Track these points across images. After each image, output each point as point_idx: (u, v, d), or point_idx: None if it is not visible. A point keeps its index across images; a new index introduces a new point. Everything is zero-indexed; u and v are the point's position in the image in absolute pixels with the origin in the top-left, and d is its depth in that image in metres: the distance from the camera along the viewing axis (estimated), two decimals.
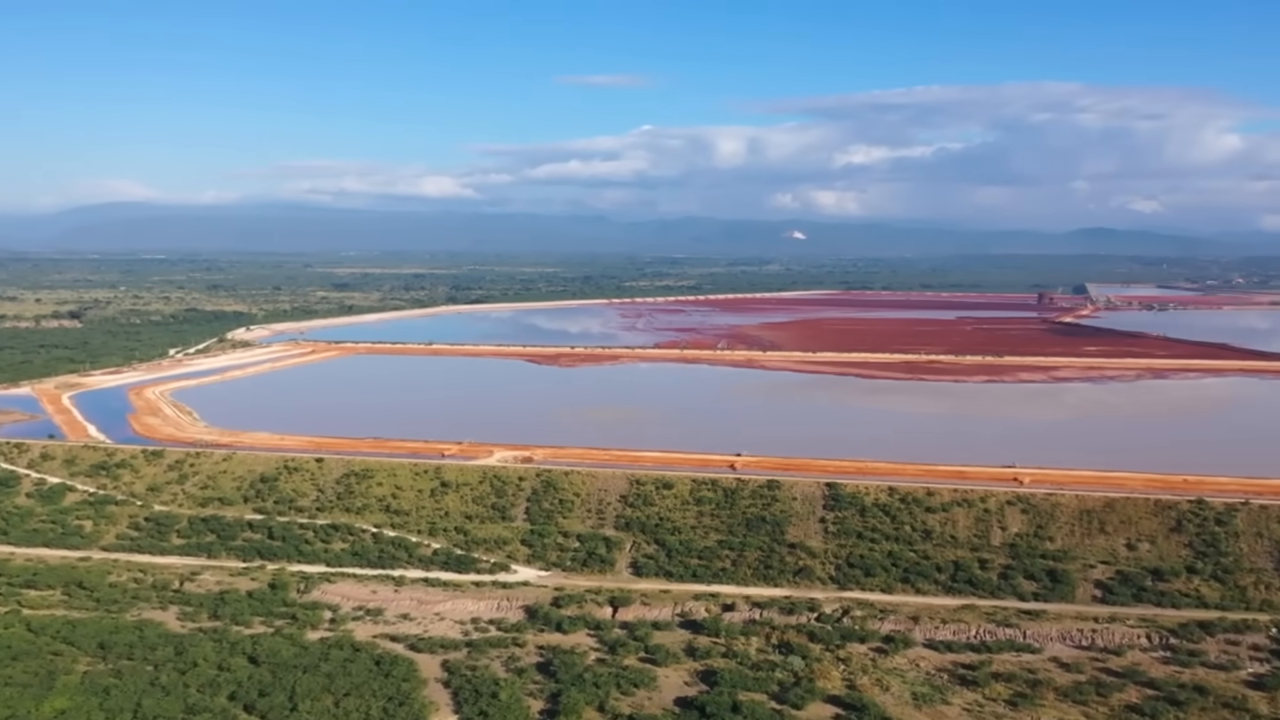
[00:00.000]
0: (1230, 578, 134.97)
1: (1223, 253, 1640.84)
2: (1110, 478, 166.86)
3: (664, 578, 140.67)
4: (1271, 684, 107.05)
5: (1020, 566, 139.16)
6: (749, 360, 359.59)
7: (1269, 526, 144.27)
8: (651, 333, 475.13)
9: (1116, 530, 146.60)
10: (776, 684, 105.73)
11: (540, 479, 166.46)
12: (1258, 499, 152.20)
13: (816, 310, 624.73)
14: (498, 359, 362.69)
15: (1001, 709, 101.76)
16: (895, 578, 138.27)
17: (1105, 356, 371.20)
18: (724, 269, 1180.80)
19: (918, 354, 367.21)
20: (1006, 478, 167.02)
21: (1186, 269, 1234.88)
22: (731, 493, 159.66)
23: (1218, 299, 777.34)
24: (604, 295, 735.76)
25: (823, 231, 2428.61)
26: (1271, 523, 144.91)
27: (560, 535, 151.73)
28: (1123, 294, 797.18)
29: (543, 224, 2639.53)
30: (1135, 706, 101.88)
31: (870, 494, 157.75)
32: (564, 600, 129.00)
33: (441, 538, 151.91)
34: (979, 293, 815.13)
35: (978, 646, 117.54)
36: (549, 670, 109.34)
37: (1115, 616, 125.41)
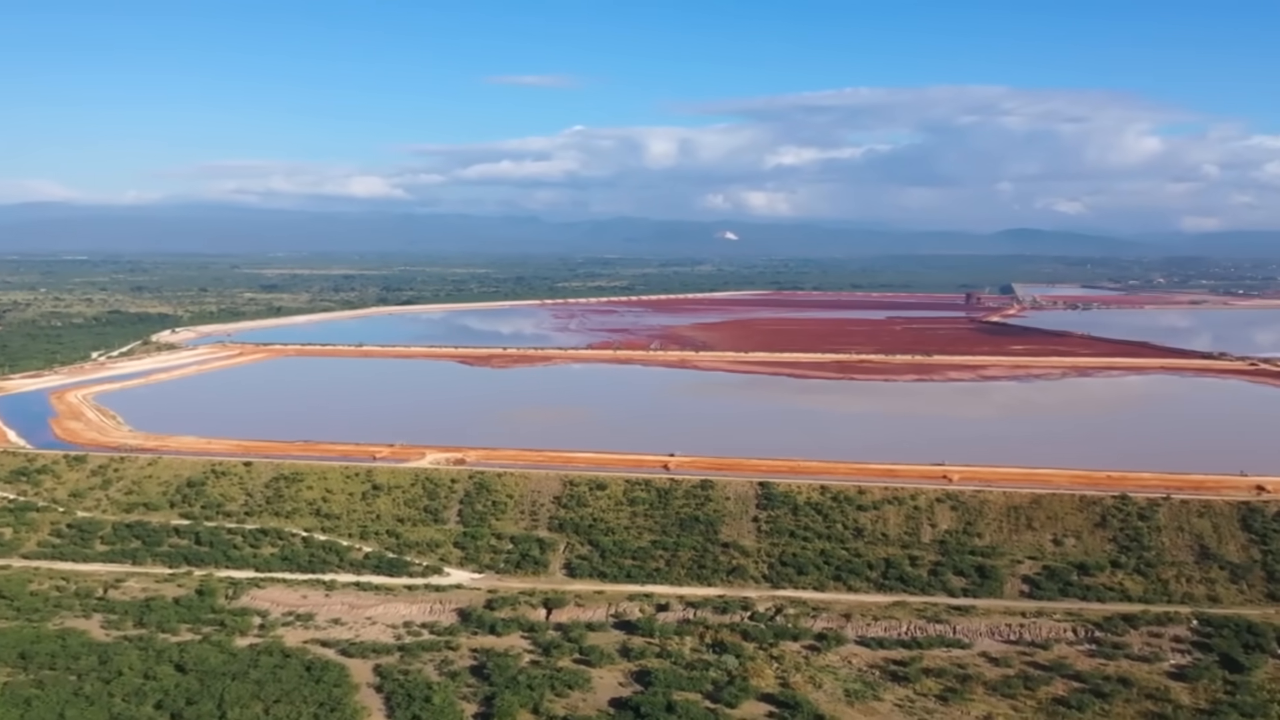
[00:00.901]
0: (1153, 571, 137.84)
1: (1144, 253, 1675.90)
2: (1037, 475, 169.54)
3: (598, 578, 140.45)
4: (1192, 675, 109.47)
5: (950, 563, 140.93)
6: (682, 360, 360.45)
7: (1189, 521, 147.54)
8: (584, 333, 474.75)
9: (1043, 526, 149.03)
10: (711, 683, 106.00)
11: (473, 481, 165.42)
12: (1178, 494, 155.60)
13: (748, 310, 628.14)
14: (429, 360, 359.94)
15: (932, 704, 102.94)
16: (827, 576, 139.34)
17: (1031, 355, 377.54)
18: (656, 269, 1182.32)
19: (849, 354, 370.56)
20: (936, 475, 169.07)
21: (1109, 269, 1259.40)
22: (665, 493, 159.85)
23: (1139, 298, 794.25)
24: (536, 296, 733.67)
25: (754, 232, 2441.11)
26: (1192, 517, 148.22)
27: (493, 537, 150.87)
28: (1048, 294, 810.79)
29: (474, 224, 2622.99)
30: (1062, 699, 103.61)
31: (802, 493, 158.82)
32: (497, 602, 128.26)
33: (373, 541, 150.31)
34: (908, 293, 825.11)
35: (909, 643, 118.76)
36: (482, 673, 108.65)
37: (1042, 611, 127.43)
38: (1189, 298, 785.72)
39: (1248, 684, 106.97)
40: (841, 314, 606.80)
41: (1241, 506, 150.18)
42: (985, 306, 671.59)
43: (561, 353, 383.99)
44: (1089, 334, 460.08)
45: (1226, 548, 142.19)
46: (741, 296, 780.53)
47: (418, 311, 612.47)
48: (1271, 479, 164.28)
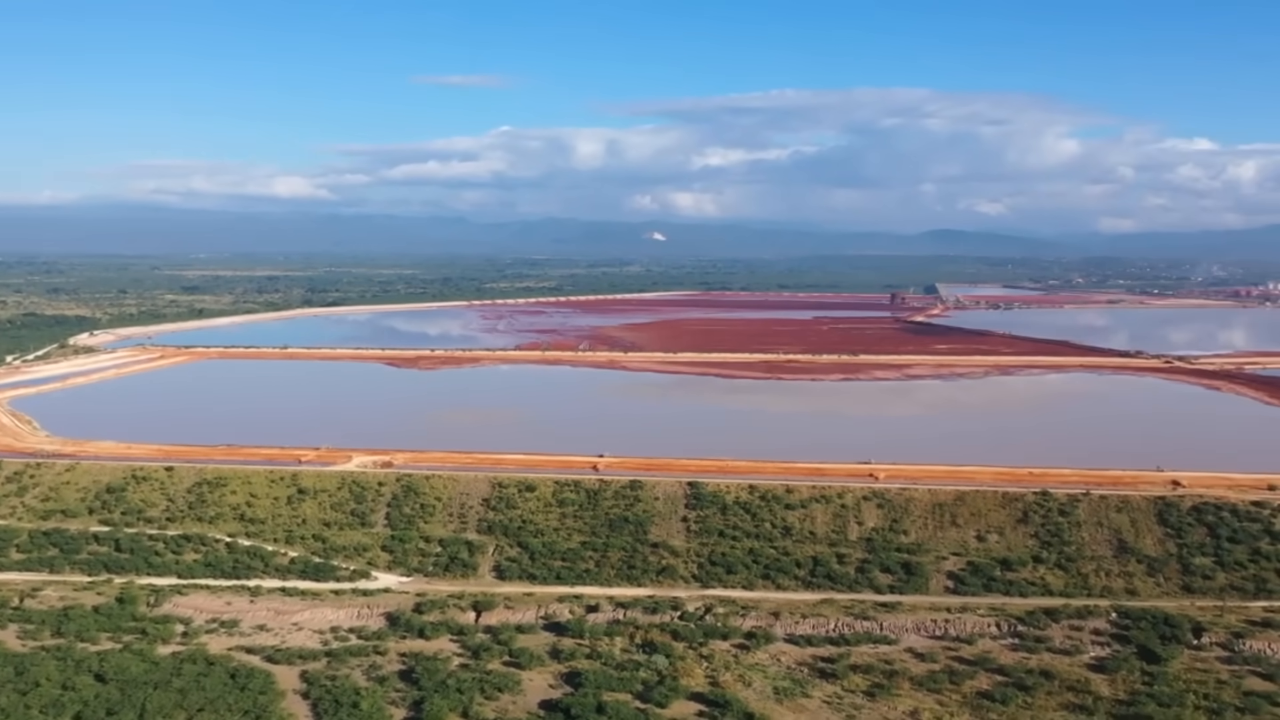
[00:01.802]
0: (1073, 565, 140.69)
1: (1063, 253, 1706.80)
2: (961, 472, 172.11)
3: (527, 580, 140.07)
4: (1112, 666, 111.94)
5: (876, 560, 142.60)
6: (611, 361, 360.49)
7: (1108, 516, 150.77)
8: (513, 334, 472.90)
9: (967, 523, 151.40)
10: (641, 683, 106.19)
11: (400, 484, 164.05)
12: (1097, 489, 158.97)
13: (677, 311, 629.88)
14: (356, 362, 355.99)
15: (860, 700, 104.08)
16: (756, 574, 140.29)
17: (955, 354, 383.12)
18: (585, 270, 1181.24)
19: (776, 353, 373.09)
20: (863, 474, 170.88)
21: (1030, 269, 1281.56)
22: (594, 494, 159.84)
23: (1059, 298, 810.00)
24: (464, 297, 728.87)
25: (682, 233, 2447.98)
26: (1111, 512, 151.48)
27: (422, 540, 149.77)
28: (971, 293, 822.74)
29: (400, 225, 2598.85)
30: (986, 693, 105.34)
31: (731, 492, 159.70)
32: (426, 606, 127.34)
33: (299, 546, 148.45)
34: (835, 293, 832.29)
35: (836, 639, 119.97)
36: (411, 677, 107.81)
37: (967, 606, 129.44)
38: (1106, 297, 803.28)
39: (1164, 674, 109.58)
40: (769, 314, 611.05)
41: (1158, 501, 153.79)
42: (910, 306, 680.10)
43: (490, 354, 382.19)
44: (1011, 333, 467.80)
45: (1144, 542, 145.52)
46: (670, 297, 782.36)
47: (344, 313, 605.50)
48: (1186, 474, 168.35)
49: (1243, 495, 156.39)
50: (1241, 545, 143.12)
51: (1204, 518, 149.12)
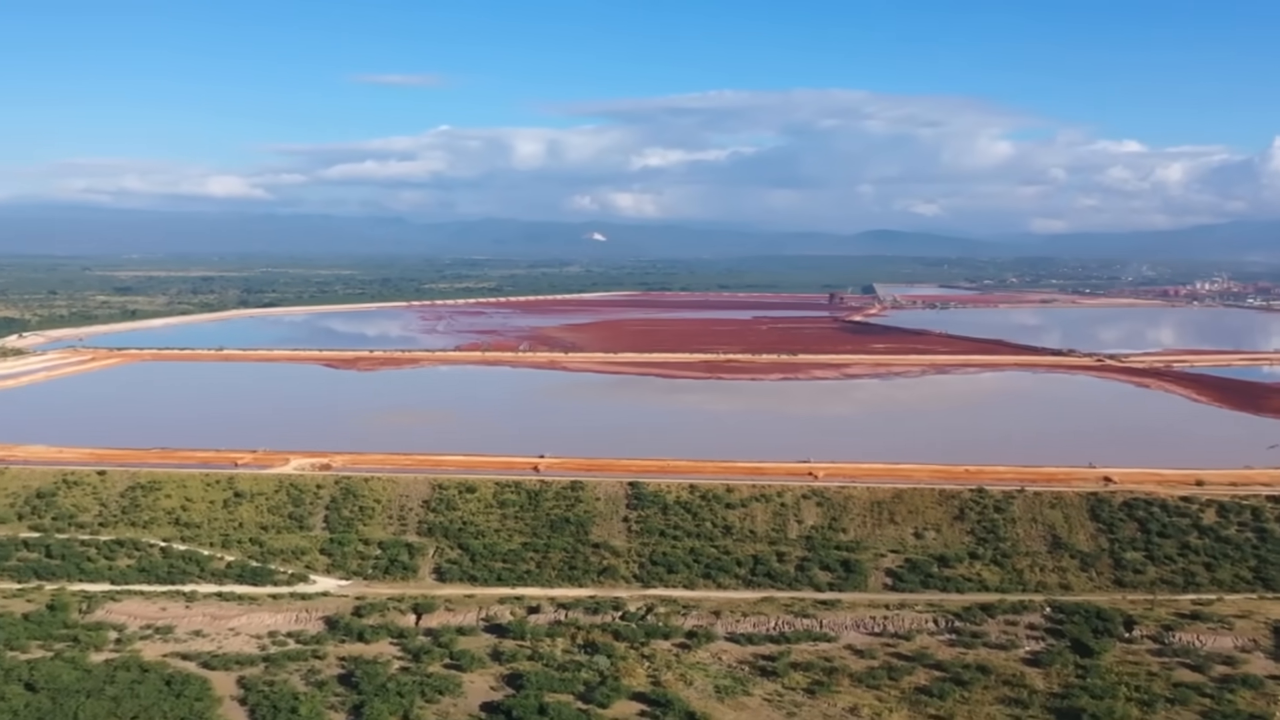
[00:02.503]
0: (1008, 561, 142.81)
1: (998, 254, 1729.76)
2: (898, 470, 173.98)
3: (468, 582, 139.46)
4: (1046, 660, 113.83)
5: (816, 558, 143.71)
6: (551, 362, 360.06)
7: (1042, 512, 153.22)
8: (452, 335, 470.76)
9: (905, 520, 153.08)
10: (582, 684, 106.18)
11: (339, 486, 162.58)
12: (1032, 486, 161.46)
13: (617, 311, 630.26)
14: (293, 364, 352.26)
15: (800, 697, 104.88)
16: (697, 574, 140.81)
17: (892, 353, 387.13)
18: (525, 271, 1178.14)
19: (716, 353, 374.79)
20: (802, 472, 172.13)
21: (965, 269, 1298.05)
22: (535, 495, 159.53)
23: (994, 297, 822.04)
24: (403, 298, 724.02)
25: (622, 233, 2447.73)
26: (1045, 508, 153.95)
27: (361, 543, 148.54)
28: (908, 293, 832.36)
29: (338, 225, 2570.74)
30: (924, 688, 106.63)
31: (672, 492, 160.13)
32: (366, 609, 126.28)
33: (236, 550, 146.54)
34: (774, 293, 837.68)
35: (777, 637, 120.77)
36: (351, 681, 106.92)
37: (905, 603, 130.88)
38: (1040, 297, 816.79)
39: (1097, 667, 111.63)
40: (709, 314, 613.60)
41: (1090, 497, 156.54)
42: (848, 306, 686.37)
43: (429, 355, 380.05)
44: (947, 332, 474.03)
45: (1077, 537, 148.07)
46: (610, 297, 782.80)
47: (280, 314, 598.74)
48: (1117, 470, 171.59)
49: (1172, 491, 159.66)
50: (1171, 540, 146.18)
51: (1135, 513, 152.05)
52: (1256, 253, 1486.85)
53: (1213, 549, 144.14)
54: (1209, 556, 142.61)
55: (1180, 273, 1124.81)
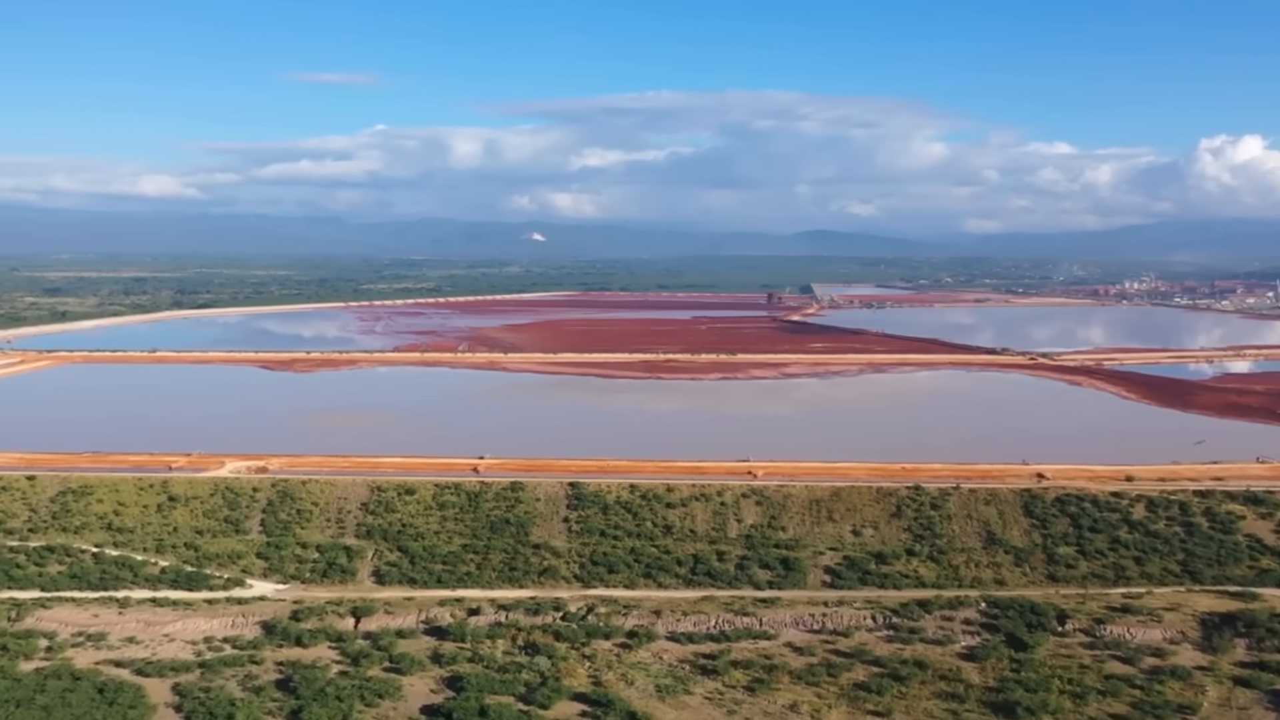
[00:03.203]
0: (945, 558, 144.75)
1: (932, 254, 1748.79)
2: (837, 468, 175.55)
3: (408, 585, 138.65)
4: (981, 654, 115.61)
5: (756, 556, 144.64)
6: (491, 362, 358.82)
7: (977, 509, 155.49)
8: (391, 336, 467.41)
9: (843, 518, 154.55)
10: (523, 685, 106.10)
11: (276, 489, 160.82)
12: (967, 483, 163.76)
13: (557, 311, 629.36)
14: (228, 366, 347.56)
15: (740, 695, 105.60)
16: (638, 573, 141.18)
17: (830, 353, 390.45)
18: (464, 271, 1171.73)
19: (656, 353, 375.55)
20: (741, 471, 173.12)
21: (901, 269, 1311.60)
22: (475, 496, 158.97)
23: (929, 297, 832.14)
24: (340, 298, 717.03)
25: (561, 233, 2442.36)
26: (980, 505, 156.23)
27: (298, 546, 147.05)
28: (845, 293, 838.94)
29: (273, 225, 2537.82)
30: (863, 684, 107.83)
31: (612, 492, 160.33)
32: (303, 613, 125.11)
33: (170, 555, 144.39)
34: (713, 293, 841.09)
35: (717, 636, 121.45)
36: (289, 686, 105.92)
37: (843, 600, 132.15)
38: (974, 296, 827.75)
39: (1031, 661, 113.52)
40: (648, 314, 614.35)
41: (1024, 493, 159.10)
42: (786, 306, 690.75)
43: (367, 356, 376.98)
44: (884, 332, 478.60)
45: (1011, 533, 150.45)
46: (550, 298, 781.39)
47: (215, 315, 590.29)
48: (1050, 467, 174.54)
49: (1102, 486, 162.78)
50: (1102, 534, 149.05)
51: (1067, 508, 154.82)
52: (1183, 253, 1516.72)
53: (1142, 543, 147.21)
54: (1139, 550, 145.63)
55: (1110, 272, 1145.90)
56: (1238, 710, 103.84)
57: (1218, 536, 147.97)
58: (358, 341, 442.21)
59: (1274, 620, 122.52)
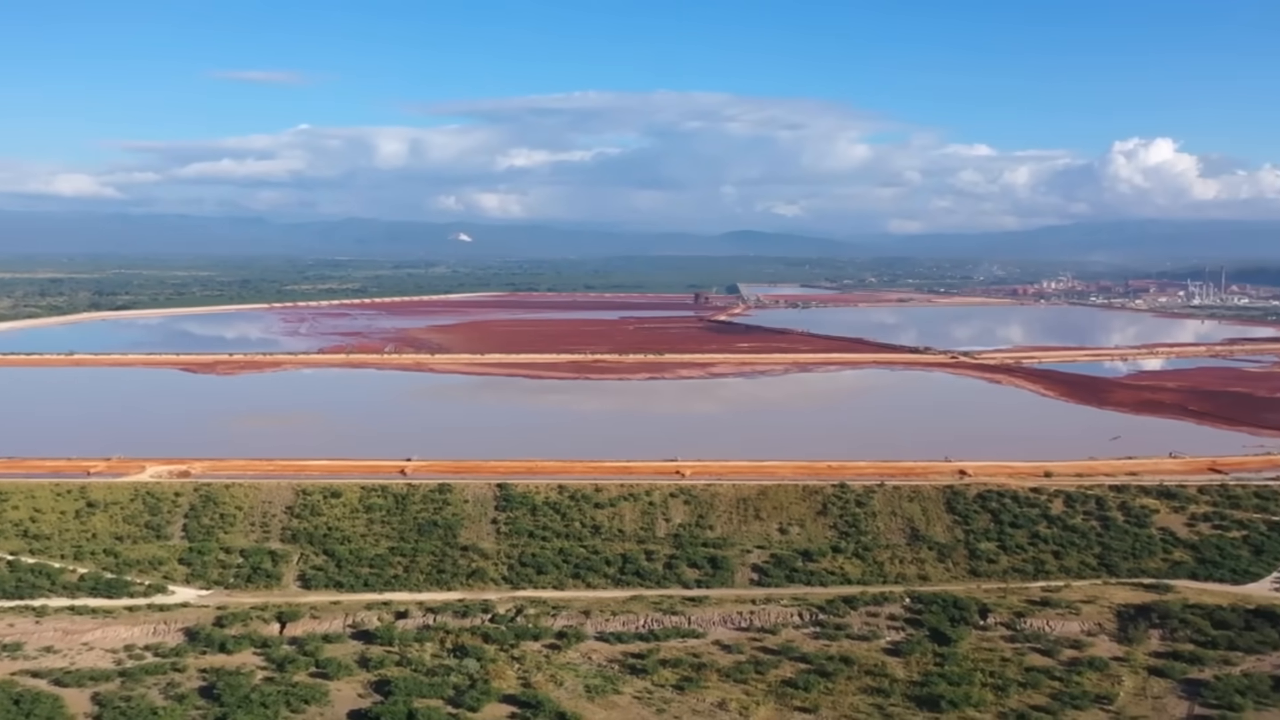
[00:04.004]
0: (870, 554, 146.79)
1: (857, 254, 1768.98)
2: (763, 467, 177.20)
3: (334, 589, 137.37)
4: (906, 649, 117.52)
5: (684, 555, 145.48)
6: (417, 363, 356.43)
7: (901, 505, 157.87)
8: (316, 337, 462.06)
9: (770, 516, 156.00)
10: (452, 688, 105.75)
11: (199, 493, 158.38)
12: (891, 480, 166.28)
13: (484, 312, 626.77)
14: (149, 368, 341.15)
15: (669, 694, 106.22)
16: (567, 574, 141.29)
17: (757, 352, 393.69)
18: (390, 271, 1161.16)
19: (583, 354, 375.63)
20: (669, 471, 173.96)
21: (826, 269, 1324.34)
22: (402, 498, 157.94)
23: (854, 296, 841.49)
24: (264, 299, 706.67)
25: (488, 234, 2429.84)
26: (904, 502, 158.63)
27: (222, 551, 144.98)
28: (771, 293, 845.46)
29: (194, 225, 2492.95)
30: (790, 681, 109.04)
31: (541, 493, 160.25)
32: (227, 619, 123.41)
33: (89, 561, 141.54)
34: (640, 293, 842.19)
35: (646, 635, 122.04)
36: (212, 694, 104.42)
37: (771, 597, 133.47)
38: (897, 296, 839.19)
39: (954, 655, 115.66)
40: (576, 314, 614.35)
41: (946, 490, 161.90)
42: (713, 306, 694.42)
43: (292, 358, 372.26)
44: (809, 331, 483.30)
45: (934, 529, 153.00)
46: (477, 298, 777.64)
47: (134, 316, 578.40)
48: (972, 463, 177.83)
49: (1022, 482, 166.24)
50: (1022, 529, 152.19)
51: (988, 504, 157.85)
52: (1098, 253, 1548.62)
53: (1060, 537, 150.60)
54: (1057, 545, 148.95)
55: (1028, 272, 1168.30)
56: (1152, 700, 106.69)
57: (1133, 530, 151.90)
58: (282, 343, 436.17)
59: (1187, 611, 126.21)
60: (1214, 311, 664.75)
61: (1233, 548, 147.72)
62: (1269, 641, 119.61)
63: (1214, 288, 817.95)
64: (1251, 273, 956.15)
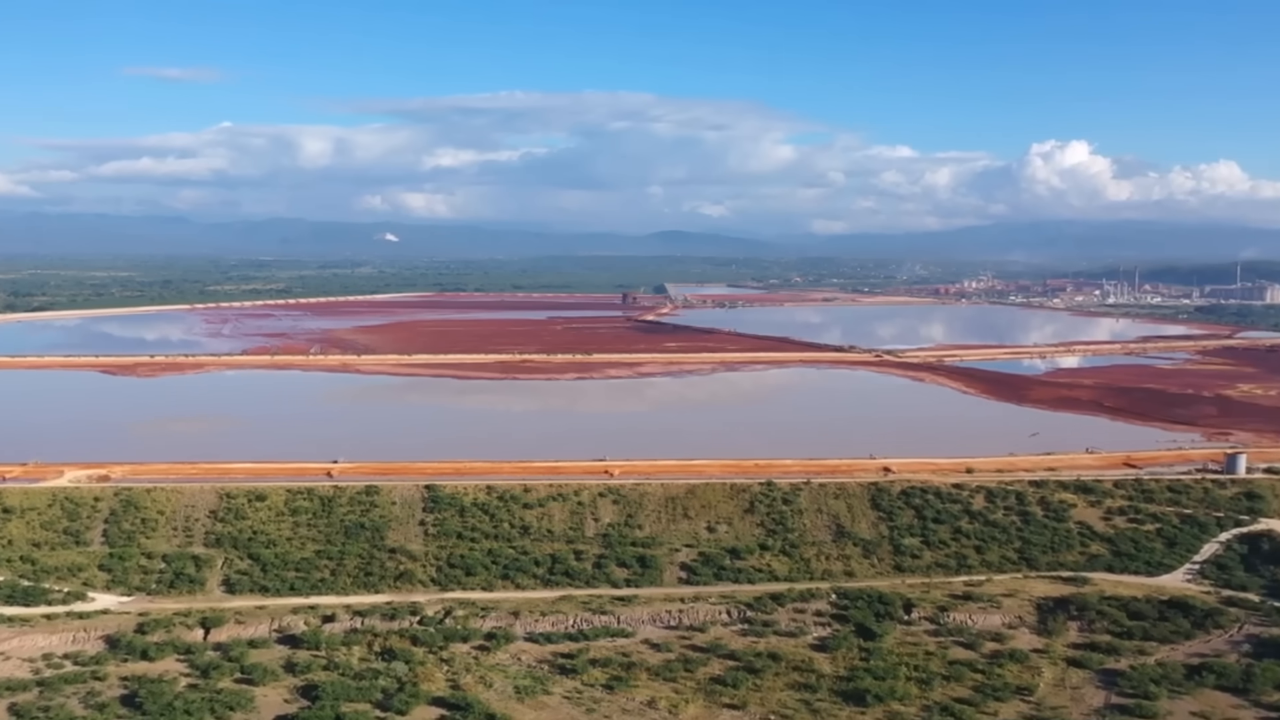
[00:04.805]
0: (796, 551, 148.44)
1: (782, 254, 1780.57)
2: (691, 466, 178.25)
3: (259, 593, 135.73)
4: (833, 645, 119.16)
5: (613, 555, 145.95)
6: (344, 364, 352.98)
7: (827, 503, 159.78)
8: (240, 338, 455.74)
9: (698, 515, 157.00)
10: (380, 691, 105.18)
11: (119, 498, 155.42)
12: (817, 478, 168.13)
13: (411, 312, 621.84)
14: (67, 371, 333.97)
15: (599, 693, 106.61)
16: (496, 575, 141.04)
17: (684, 352, 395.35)
18: (315, 272, 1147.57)
19: (512, 354, 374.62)
20: (598, 471, 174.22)
21: (752, 269, 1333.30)
22: (329, 501, 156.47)
23: (780, 296, 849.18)
24: (186, 300, 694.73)
25: (415, 234, 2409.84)
26: (829, 499, 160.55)
27: (144, 557, 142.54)
28: (698, 293, 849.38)
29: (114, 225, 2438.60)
30: (719, 678, 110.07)
31: (469, 494, 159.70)
32: (149, 626, 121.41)
33: (4, 569, 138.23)
34: (568, 293, 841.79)
35: (575, 635, 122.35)
36: (134, 702, 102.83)
37: (699, 596, 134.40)
38: (822, 295, 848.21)
39: (879, 649, 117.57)
40: (504, 315, 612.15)
41: (871, 487, 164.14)
42: (641, 306, 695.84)
43: (215, 359, 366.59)
44: (736, 331, 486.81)
45: (859, 526, 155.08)
46: (404, 299, 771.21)
47: (51, 318, 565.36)
48: (896, 461, 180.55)
49: (945, 478, 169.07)
50: (944, 525, 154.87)
51: (912, 501, 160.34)
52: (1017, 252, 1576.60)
53: (982, 532, 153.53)
54: (979, 540, 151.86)
55: (950, 272, 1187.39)
56: (1071, 690, 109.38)
57: (1051, 524, 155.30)
58: (205, 344, 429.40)
59: (1103, 603, 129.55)
60: (1128, 310, 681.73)
61: (1147, 540, 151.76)
62: (1182, 631, 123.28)
63: (1128, 287, 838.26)
64: (1163, 272, 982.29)
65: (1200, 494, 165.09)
